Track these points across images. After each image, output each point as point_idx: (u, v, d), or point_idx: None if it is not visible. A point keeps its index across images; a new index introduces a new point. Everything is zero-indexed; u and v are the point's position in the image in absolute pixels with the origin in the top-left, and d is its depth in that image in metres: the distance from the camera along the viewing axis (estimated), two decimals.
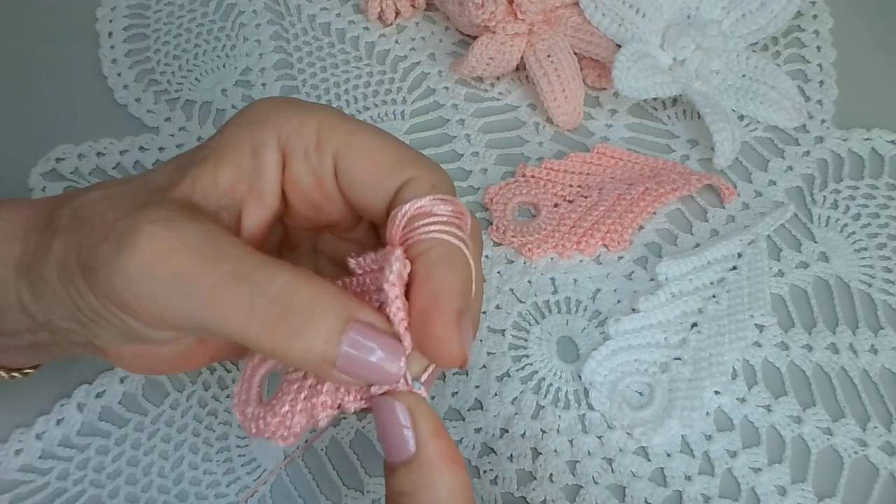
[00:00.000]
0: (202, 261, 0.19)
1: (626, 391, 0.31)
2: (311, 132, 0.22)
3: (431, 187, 0.22)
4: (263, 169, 0.22)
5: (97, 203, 0.22)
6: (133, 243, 0.19)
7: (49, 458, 0.29)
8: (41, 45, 0.42)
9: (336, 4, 0.43)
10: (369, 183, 0.22)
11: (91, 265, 0.20)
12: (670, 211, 0.36)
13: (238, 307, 0.19)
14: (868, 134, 0.38)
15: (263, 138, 0.22)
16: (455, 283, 0.20)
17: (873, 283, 0.34)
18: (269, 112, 0.22)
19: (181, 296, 0.19)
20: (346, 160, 0.22)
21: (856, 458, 0.30)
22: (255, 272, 0.19)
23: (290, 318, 0.19)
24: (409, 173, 0.22)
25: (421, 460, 0.20)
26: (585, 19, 0.38)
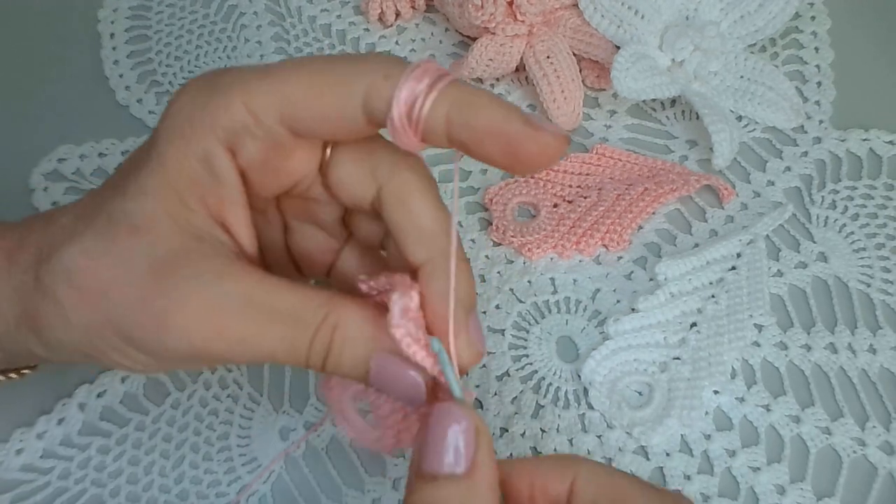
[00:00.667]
0: (254, 330, 0.21)
1: (626, 391, 0.31)
2: (240, 112, 0.21)
3: (386, 78, 0.20)
4: (222, 175, 0.21)
5: (94, 269, 0.21)
6: (183, 327, 0.20)
7: (50, 458, 0.30)
8: (43, 46, 0.42)
9: (337, 6, 0.43)
10: (331, 121, 0.21)
11: (139, 342, 0.21)
12: (669, 211, 0.36)
13: (292, 358, 0.21)
14: (866, 134, 0.38)
15: (204, 146, 0.21)
16: (493, 108, 0.20)
17: (872, 283, 0.34)
18: (192, 114, 0.21)
19: (240, 357, 0.21)
20: (295, 116, 0.21)
21: (854, 458, 0.30)
22: (297, 326, 0.21)
23: (332, 354, 0.21)
24: (358, 89, 0.20)
25: (474, 480, 0.19)
26: (584, 21, 0.39)
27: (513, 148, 0.20)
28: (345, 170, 0.23)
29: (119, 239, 0.21)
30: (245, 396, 0.31)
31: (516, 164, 0.20)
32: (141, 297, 0.21)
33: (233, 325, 0.21)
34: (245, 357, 0.21)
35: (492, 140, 0.20)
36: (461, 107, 0.20)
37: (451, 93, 0.20)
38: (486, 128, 0.20)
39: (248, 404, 0.31)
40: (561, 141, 0.20)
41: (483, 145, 0.20)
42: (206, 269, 0.21)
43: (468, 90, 0.20)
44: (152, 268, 0.21)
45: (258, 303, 0.21)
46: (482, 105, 0.20)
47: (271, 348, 0.21)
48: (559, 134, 0.20)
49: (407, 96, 0.20)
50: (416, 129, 0.20)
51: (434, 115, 0.20)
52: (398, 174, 0.22)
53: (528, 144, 0.20)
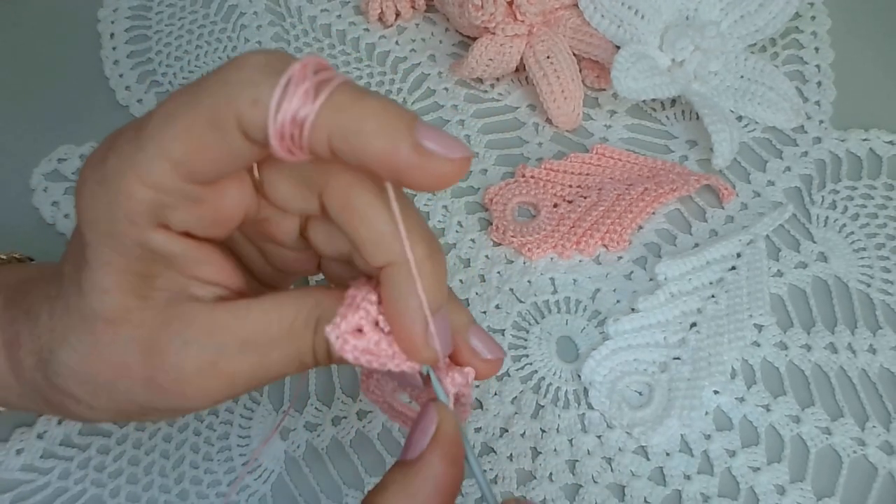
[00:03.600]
0: (256, 359, 0.21)
1: (626, 391, 0.31)
2: (144, 193, 0.19)
3: (254, 105, 0.18)
4: (170, 252, 0.20)
5: (89, 367, 0.21)
6: (198, 389, 0.21)
7: (50, 458, 0.30)
8: (43, 46, 0.42)
9: (337, 6, 0.44)
10: (219, 157, 0.19)
11: (167, 409, 0.22)
12: (669, 211, 0.36)
13: (300, 366, 0.22)
14: (866, 134, 0.38)
15: (135, 240, 0.20)
16: (377, 134, 0.18)
17: (872, 282, 0.34)
18: (105, 215, 0.19)
19: (259, 383, 0.22)
20: (189, 171, 0.19)
21: (854, 458, 0.30)
22: (292, 335, 0.21)
23: (333, 349, 0.21)
24: (229, 122, 0.18)
25: (413, 468, 0.20)
26: (584, 20, 0.39)
27: (402, 177, 0.18)
28: (279, 187, 0.22)
29: (100, 333, 0.21)
30: (245, 396, 0.31)
31: (409, 186, 0.19)
32: (147, 377, 0.21)
33: (239, 368, 0.21)
34: (262, 383, 0.22)
35: (381, 169, 0.18)
36: (344, 134, 0.18)
37: (331, 114, 0.18)
38: (371, 159, 0.18)
39: (248, 404, 0.31)
40: (457, 165, 0.18)
41: (372, 171, 0.19)
42: (193, 333, 0.21)
43: (351, 109, 0.18)
44: (143, 350, 0.21)
45: (253, 340, 0.21)
46: (367, 132, 0.18)
47: (281, 370, 0.21)
48: (454, 158, 0.18)
49: (280, 130, 0.18)
50: (304, 153, 0.18)
51: (317, 141, 0.18)
52: (334, 178, 0.21)
53: (415, 174, 0.18)
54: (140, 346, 0.21)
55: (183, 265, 0.21)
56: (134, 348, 0.21)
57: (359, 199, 0.20)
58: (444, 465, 0.20)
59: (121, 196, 0.19)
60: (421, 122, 0.18)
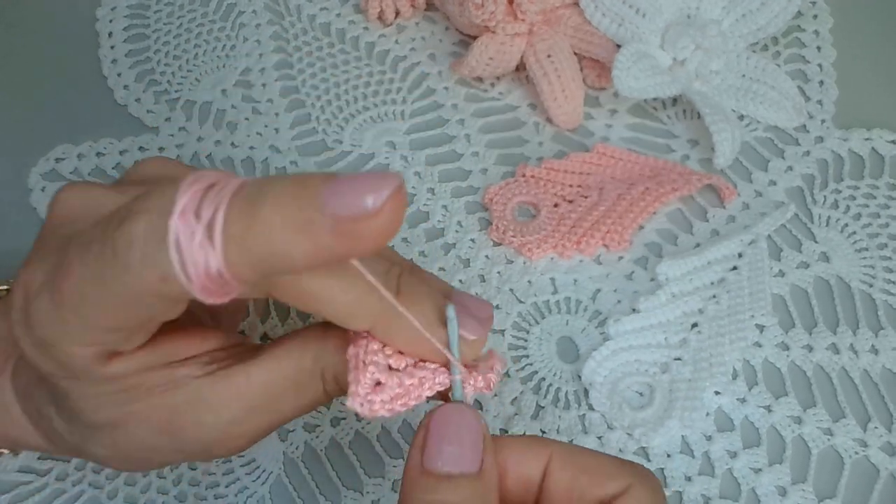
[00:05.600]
0: (269, 418, 0.22)
1: (627, 391, 0.31)
2: (85, 351, 0.20)
3: (162, 281, 0.17)
4: (139, 371, 0.21)
5: (112, 443, 0.22)
6: (221, 448, 0.22)
7: (48, 459, 0.29)
8: (41, 45, 0.42)
9: (336, 4, 0.43)
10: (129, 319, 0.19)
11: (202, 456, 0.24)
12: (670, 211, 0.36)
13: (315, 406, 0.23)
14: (868, 134, 0.38)
15: (90, 384, 0.21)
16: (291, 243, 0.17)
17: (874, 283, 0.34)
18: (55, 366, 0.20)
19: (278, 425, 0.23)
20: (118, 327, 0.19)
21: (856, 459, 0.30)
22: (299, 387, 0.22)
23: (339, 383, 0.22)
24: (144, 306, 0.19)
25: (486, 478, 0.20)
26: (585, 19, 0.38)
27: (346, 256, 0.17)
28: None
29: (117, 434, 0.22)
30: None
31: (364, 254, 0.17)
32: (174, 449, 0.22)
33: (256, 426, 0.22)
34: (285, 423, 0.23)
35: (319, 264, 0.17)
36: (261, 263, 0.17)
37: (239, 253, 0.17)
38: (303, 265, 0.17)
39: None
40: (385, 213, 0.16)
41: (318, 268, 0.18)
42: (202, 413, 0.21)
43: (249, 234, 0.16)
44: (164, 432, 0.21)
45: (261, 404, 0.22)
46: (280, 249, 0.16)
47: (298, 413, 0.23)
48: (376, 207, 0.16)
49: (202, 288, 0.17)
50: (237, 290, 0.17)
51: (246, 279, 0.17)
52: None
53: (352, 247, 0.17)
54: (159, 430, 0.21)
55: (154, 366, 0.21)
56: (154, 433, 0.21)
57: (309, 285, 0.19)
58: (496, 465, 0.21)
59: (62, 357, 0.20)
60: (328, 187, 0.16)
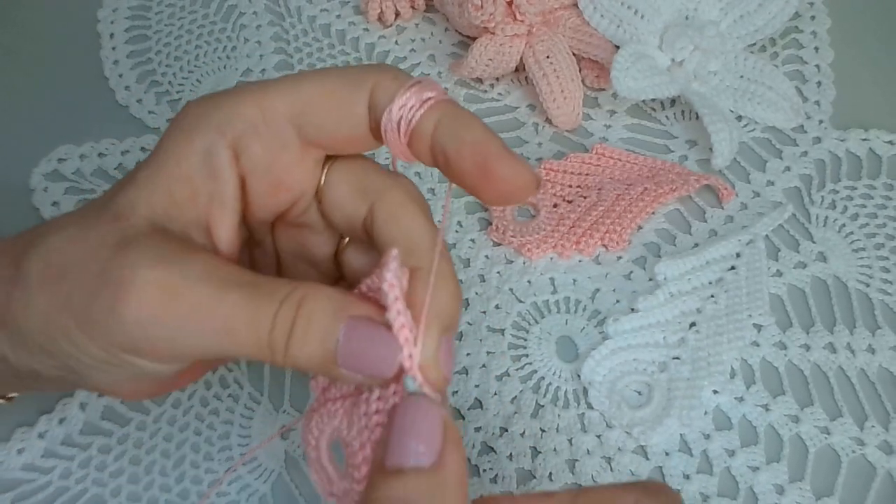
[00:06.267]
0: (211, 295, 0.20)
1: (625, 390, 0.31)
2: (252, 111, 0.22)
3: (394, 80, 0.21)
4: (218, 173, 0.22)
5: (66, 248, 0.21)
6: (138, 292, 0.19)
7: (51, 457, 0.30)
8: (43, 46, 0.42)
9: (336, 6, 0.44)
10: (337, 117, 0.22)
11: (91, 319, 0.20)
12: (669, 211, 0.36)
13: (252, 334, 0.20)
14: (865, 134, 0.38)
15: (207, 142, 0.21)
16: (481, 130, 0.21)
17: (871, 282, 0.34)
18: (202, 113, 0.22)
19: (198, 332, 0.20)
20: (304, 113, 0.22)
21: (853, 457, 0.30)
22: (259, 294, 0.20)
23: (296, 331, 0.19)
24: (367, 84, 0.21)
25: (442, 472, 0.19)
26: (584, 20, 0.39)
27: (489, 166, 0.20)
28: (339, 190, 0.23)
29: (99, 225, 0.21)
30: (246, 396, 0.31)
31: (486, 184, 0.21)
32: (101, 269, 0.20)
33: (188, 291, 0.19)
34: (202, 335, 0.20)
35: (472, 153, 0.20)
36: (452, 119, 0.21)
37: (446, 106, 0.21)
38: (469, 140, 0.20)
39: (248, 404, 0.31)
40: (534, 178, 0.21)
41: (462, 157, 0.20)
42: (169, 247, 0.20)
43: (462, 109, 0.21)
44: (118, 245, 0.20)
45: (218, 274, 0.20)
46: (472, 123, 0.21)
47: (229, 320, 0.19)
48: (534, 173, 0.21)
49: (408, 97, 0.21)
50: (407, 131, 0.21)
51: (425, 122, 0.21)
52: (389, 192, 0.22)
53: (503, 166, 0.20)
54: (119, 241, 0.20)
55: (213, 198, 0.22)
56: (112, 242, 0.20)
57: (405, 210, 0.22)
58: (462, 462, 0.19)
59: (230, 104, 0.21)
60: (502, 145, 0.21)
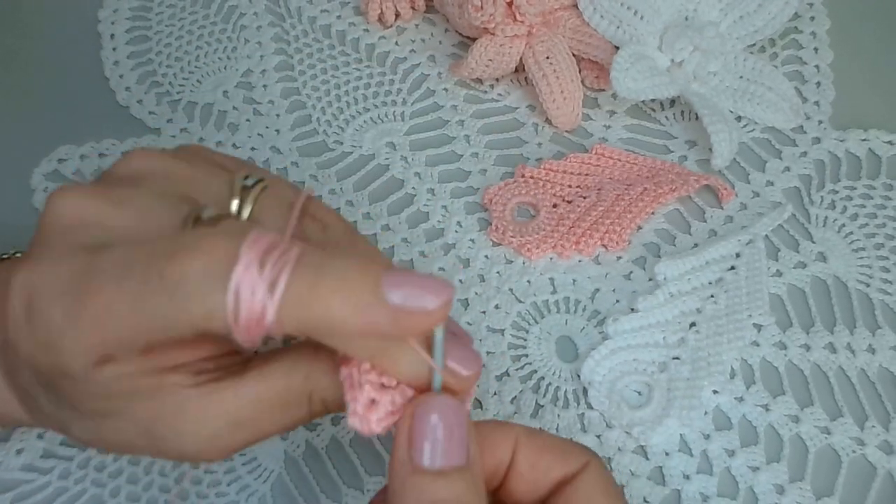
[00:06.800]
0: (252, 436, 0.21)
1: (625, 390, 0.31)
2: (92, 354, 0.19)
3: (206, 319, 0.18)
4: (127, 380, 0.20)
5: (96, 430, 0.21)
6: (200, 450, 0.21)
7: (50, 458, 0.30)
8: (43, 47, 0.42)
9: (336, 7, 0.44)
10: (167, 347, 0.20)
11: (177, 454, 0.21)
12: (669, 211, 0.36)
13: (295, 425, 0.22)
14: (865, 135, 0.38)
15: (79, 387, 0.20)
16: (353, 318, 0.18)
17: (871, 282, 0.34)
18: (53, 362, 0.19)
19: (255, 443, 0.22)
20: (140, 347, 0.19)
21: (854, 457, 0.30)
22: (287, 407, 0.21)
23: (328, 407, 0.22)
24: (190, 324, 0.18)
25: (475, 469, 0.19)
26: (584, 21, 0.39)
27: (387, 341, 0.19)
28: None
29: (100, 424, 0.21)
30: None
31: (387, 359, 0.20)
32: (154, 452, 0.21)
33: (236, 441, 0.21)
34: (264, 439, 0.22)
35: (360, 345, 0.19)
36: (312, 328, 0.18)
37: (292, 312, 0.18)
38: (346, 342, 0.19)
39: None
40: (435, 313, 0.18)
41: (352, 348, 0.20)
42: (186, 425, 0.21)
43: (308, 300, 0.18)
44: (144, 435, 0.21)
45: (245, 420, 0.21)
46: (332, 321, 0.18)
47: (279, 432, 0.22)
48: (431, 307, 0.18)
49: (244, 334, 0.18)
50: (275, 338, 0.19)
51: (287, 332, 0.18)
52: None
53: (397, 334, 0.18)
54: (140, 432, 0.21)
55: (145, 371, 0.20)
56: (134, 433, 0.21)
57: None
58: (481, 457, 0.20)
59: (62, 359, 0.19)
60: (388, 277, 0.18)
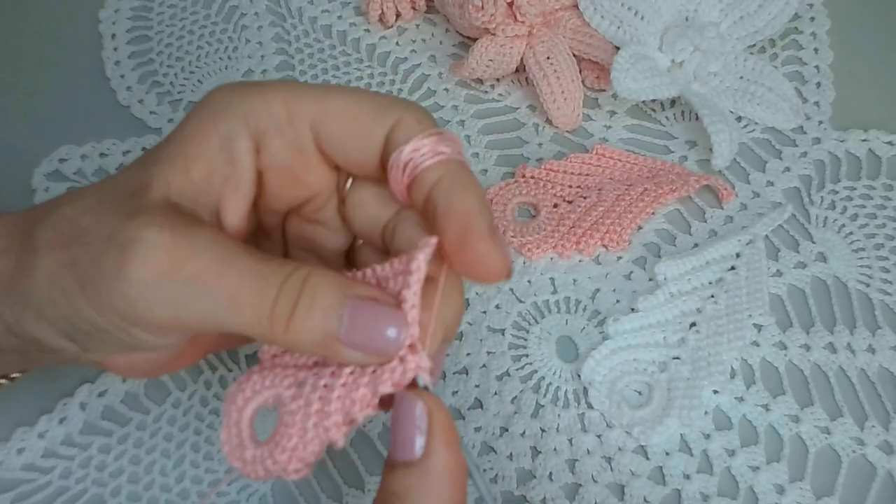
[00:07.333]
0: (218, 262, 0.20)
1: (625, 390, 0.31)
2: (279, 108, 0.22)
3: (418, 123, 0.22)
4: (236, 159, 0.22)
5: (79, 217, 0.21)
6: (144, 252, 0.19)
7: (51, 457, 0.30)
8: (44, 47, 0.42)
9: (337, 7, 0.44)
10: (355, 139, 0.22)
11: (94, 280, 0.20)
12: (669, 211, 0.36)
13: (256, 304, 0.19)
14: (865, 135, 0.38)
15: (231, 128, 0.21)
16: (477, 202, 0.21)
17: (871, 283, 0.34)
18: (230, 100, 0.22)
19: (201, 299, 0.20)
20: (325, 125, 0.22)
21: (854, 457, 0.30)
22: (264, 268, 0.20)
23: (300, 307, 0.19)
24: (391, 118, 0.22)
25: (424, 467, 0.20)
26: (584, 21, 0.39)
27: (468, 239, 0.20)
28: (364, 193, 0.24)
29: (114, 198, 0.21)
30: None
31: (460, 255, 0.21)
32: (109, 234, 0.20)
33: (195, 258, 0.19)
34: (205, 305, 0.20)
35: (457, 220, 0.20)
36: (453, 181, 0.21)
37: (454, 166, 0.21)
38: (460, 208, 0.20)
39: None
40: (505, 266, 0.21)
41: (447, 220, 0.21)
42: (179, 218, 0.20)
43: (470, 176, 0.21)
44: (128, 214, 0.20)
45: (225, 245, 0.20)
46: (469, 191, 0.21)
47: (234, 292, 0.19)
48: (507, 261, 0.21)
49: (423, 144, 0.21)
50: (410, 174, 0.21)
51: (429, 173, 0.21)
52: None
53: (480, 245, 0.20)
54: (129, 211, 0.20)
55: (228, 182, 0.22)
56: (124, 212, 0.20)
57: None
58: (451, 453, 0.20)
59: (259, 96, 0.21)
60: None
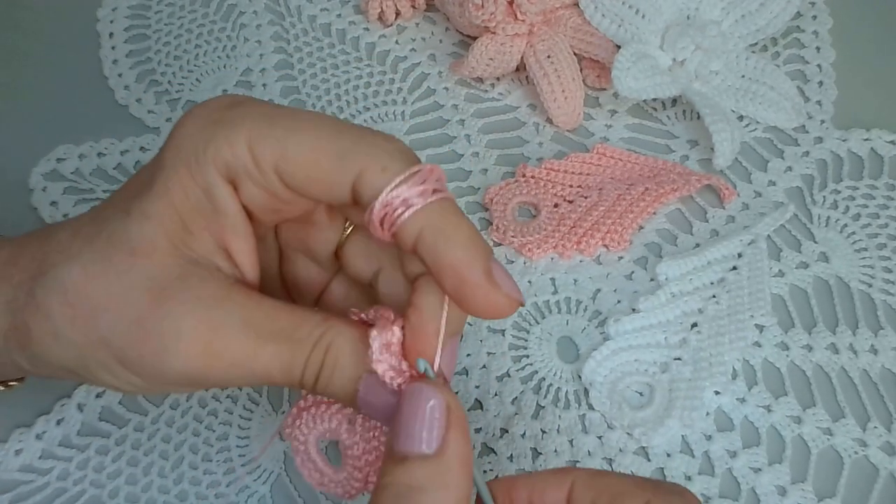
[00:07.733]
0: (249, 348, 0.21)
1: (626, 391, 0.31)
2: (243, 152, 0.21)
3: (383, 172, 0.20)
4: (223, 208, 0.21)
5: (88, 286, 0.21)
6: (184, 351, 0.21)
7: (49, 458, 0.30)
8: (42, 46, 0.42)
9: (336, 5, 0.43)
10: (318, 187, 0.21)
11: (138, 363, 0.21)
12: (670, 211, 0.36)
13: (286, 376, 0.22)
14: (867, 134, 0.38)
15: (207, 179, 0.21)
16: (463, 251, 0.20)
17: (873, 283, 0.34)
18: (197, 145, 0.21)
19: (236, 380, 0.22)
20: (287, 172, 0.21)
21: (856, 458, 0.30)
22: (292, 345, 0.21)
23: (322, 378, 0.22)
24: (354, 169, 0.21)
25: (444, 459, 0.20)
26: (585, 20, 0.38)
27: (464, 293, 0.20)
28: (362, 241, 0.24)
29: (117, 259, 0.21)
30: (244, 397, 0.31)
31: (461, 304, 0.21)
32: (138, 318, 0.21)
33: (230, 345, 0.21)
34: (241, 379, 0.22)
35: (449, 276, 0.20)
36: (436, 233, 0.20)
37: (436, 216, 0.20)
38: (448, 264, 0.20)
39: (247, 405, 0.31)
40: (512, 303, 0.20)
41: (441, 277, 0.20)
42: (204, 293, 0.21)
43: (451, 217, 0.20)
44: (150, 290, 0.21)
45: (256, 324, 0.21)
46: (456, 240, 0.20)
47: (267, 368, 0.21)
48: (513, 296, 0.20)
49: (392, 198, 0.20)
50: (390, 231, 0.21)
51: (409, 228, 0.20)
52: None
53: (478, 296, 0.20)
54: (149, 285, 0.21)
55: (225, 229, 0.22)
56: (142, 285, 0.21)
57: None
58: (467, 443, 0.20)
59: (224, 140, 0.21)
60: (495, 258, 0.21)
